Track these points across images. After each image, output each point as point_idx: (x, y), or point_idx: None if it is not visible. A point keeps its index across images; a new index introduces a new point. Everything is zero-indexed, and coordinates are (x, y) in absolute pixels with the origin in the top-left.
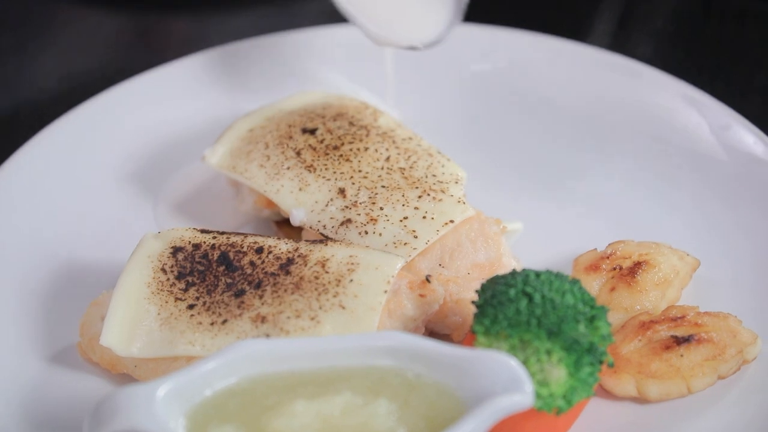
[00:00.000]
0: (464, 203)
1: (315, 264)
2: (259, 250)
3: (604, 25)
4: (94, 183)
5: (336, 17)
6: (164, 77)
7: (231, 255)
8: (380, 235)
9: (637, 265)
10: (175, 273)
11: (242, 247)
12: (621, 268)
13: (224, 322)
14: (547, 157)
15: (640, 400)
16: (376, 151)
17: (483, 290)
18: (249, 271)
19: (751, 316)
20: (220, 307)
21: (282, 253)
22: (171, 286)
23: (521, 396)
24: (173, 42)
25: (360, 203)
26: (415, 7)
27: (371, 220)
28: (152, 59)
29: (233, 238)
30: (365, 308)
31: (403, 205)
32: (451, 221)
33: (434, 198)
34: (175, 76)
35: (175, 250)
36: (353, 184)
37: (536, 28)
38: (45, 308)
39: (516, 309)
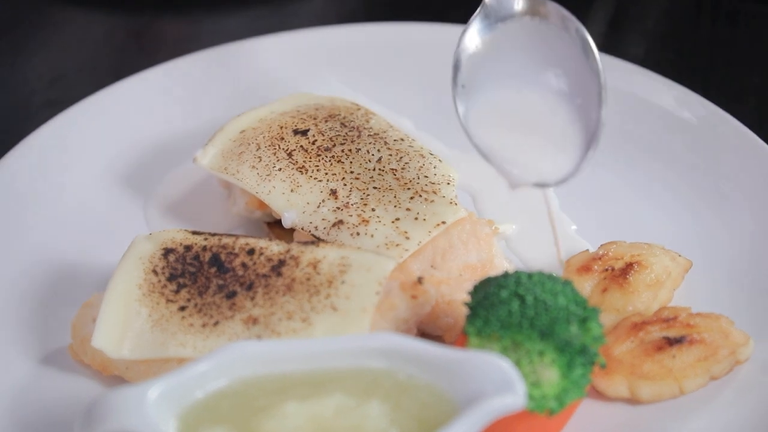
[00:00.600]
0: (456, 204)
1: (306, 266)
2: (251, 252)
3: (595, 26)
4: (85, 184)
5: (329, 19)
6: (157, 78)
7: (222, 257)
8: (372, 236)
9: (629, 266)
10: (167, 275)
11: (234, 249)
12: (613, 269)
13: (216, 323)
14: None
15: (633, 401)
16: (368, 152)
17: (475, 291)
18: (240, 272)
19: (743, 317)
20: (211, 309)
21: (273, 254)
22: (162, 287)
23: (513, 397)
24: (166, 43)
25: (352, 204)
26: (548, 147)
27: (363, 221)
28: (145, 60)
29: (225, 240)
30: (357, 310)
31: (395, 206)
32: (443, 222)
33: (426, 199)
34: (168, 78)
35: (167, 252)
36: (345, 185)
37: None
38: (36, 310)
39: (508, 310)
